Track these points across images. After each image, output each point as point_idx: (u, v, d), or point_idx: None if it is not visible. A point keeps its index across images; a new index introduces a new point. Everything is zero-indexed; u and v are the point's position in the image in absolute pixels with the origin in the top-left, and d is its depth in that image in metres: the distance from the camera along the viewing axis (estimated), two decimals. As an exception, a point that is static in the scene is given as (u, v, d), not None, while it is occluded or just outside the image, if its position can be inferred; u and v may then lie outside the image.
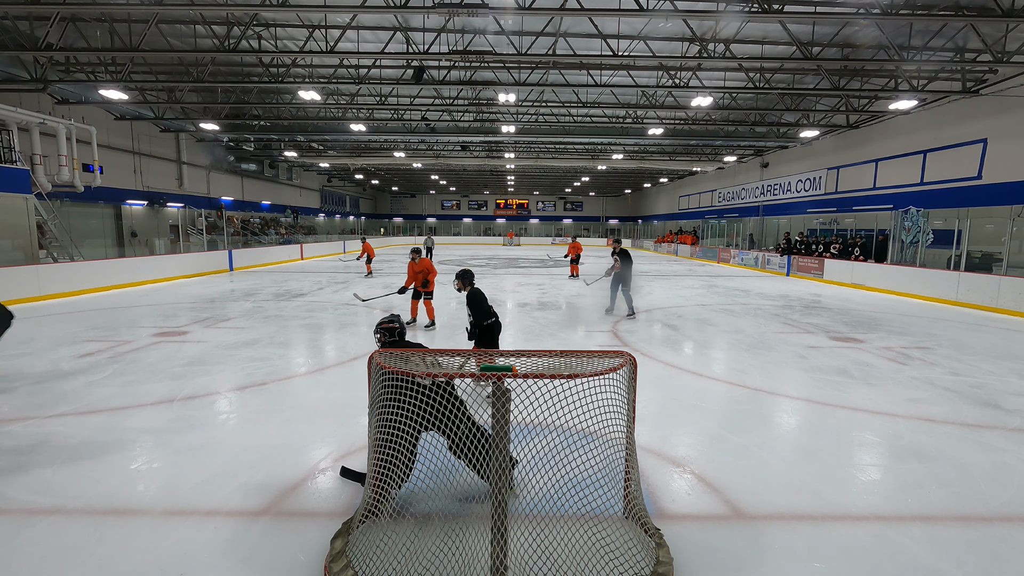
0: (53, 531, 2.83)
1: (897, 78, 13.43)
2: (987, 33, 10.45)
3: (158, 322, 8.59)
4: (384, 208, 52.50)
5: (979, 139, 13.44)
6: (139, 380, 5.46)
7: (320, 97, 14.77)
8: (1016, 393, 5.38)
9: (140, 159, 19.79)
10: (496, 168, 33.29)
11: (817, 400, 5.11)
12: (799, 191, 21.96)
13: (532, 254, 31.68)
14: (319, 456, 3.76)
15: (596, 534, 2.71)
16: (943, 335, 8.30)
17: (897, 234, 15.23)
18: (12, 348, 6.79)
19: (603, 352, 3.17)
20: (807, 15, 9.50)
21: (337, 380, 5.68)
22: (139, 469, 3.56)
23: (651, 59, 11.97)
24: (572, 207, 51.58)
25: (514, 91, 14.45)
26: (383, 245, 40.47)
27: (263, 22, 11.70)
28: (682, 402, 5.04)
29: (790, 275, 18.47)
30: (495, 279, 16.48)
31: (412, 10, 9.46)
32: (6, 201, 11.59)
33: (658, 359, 6.58)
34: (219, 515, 2.99)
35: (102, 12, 10.72)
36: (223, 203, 24.89)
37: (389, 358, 2.86)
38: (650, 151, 26.19)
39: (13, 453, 3.75)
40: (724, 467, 3.66)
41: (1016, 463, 3.76)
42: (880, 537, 2.86)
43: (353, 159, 27.73)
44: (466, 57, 11.09)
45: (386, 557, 2.52)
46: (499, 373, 2.32)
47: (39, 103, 14.45)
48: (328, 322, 8.97)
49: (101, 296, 11.69)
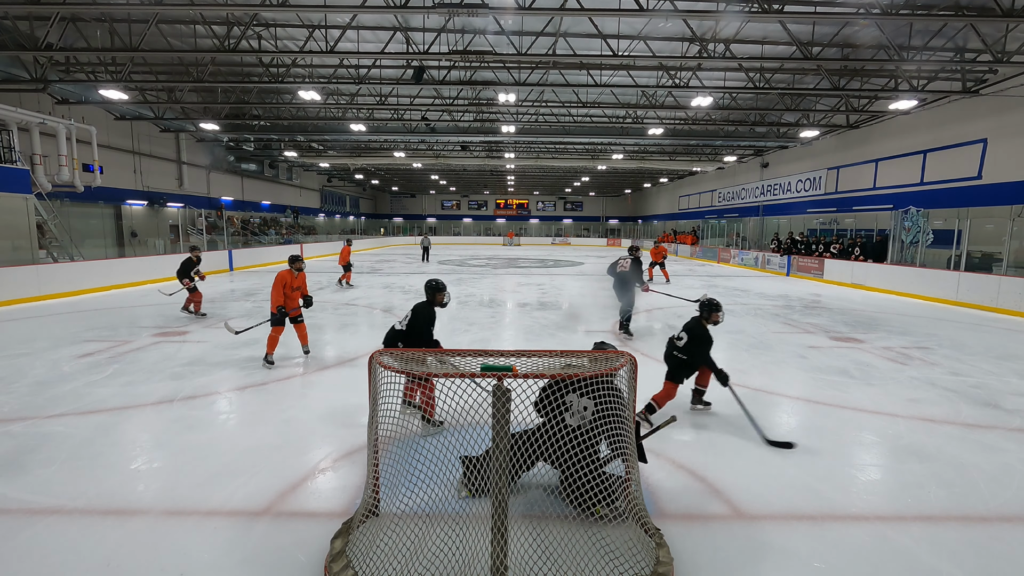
0: (53, 531, 2.83)
1: (897, 78, 13.43)
2: (987, 33, 10.44)
3: (158, 322, 8.59)
4: (384, 208, 52.48)
5: (979, 139, 13.44)
6: (139, 380, 5.46)
7: (320, 97, 14.77)
8: (1016, 393, 5.38)
9: (140, 159, 19.79)
10: (496, 168, 33.29)
11: (817, 400, 5.11)
12: (799, 191, 21.96)
13: (532, 254, 31.68)
14: (319, 456, 3.76)
15: (596, 534, 2.71)
16: (943, 335, 8.29)
17: (897, 234, 15.23)
18: (12, 348, 6.80)
19: (603, 352, 3.17)
20: (807, 15, 9.51)
21: (337, 380, 5.68)
22: (139, 469, 3.56)
23: (651, 59, 11.97)
24: (572, 207, 51.57)
25: (514, 91, 14.45)
26: (383, 245, 40.46)
27: (263, 22, 11.70)
28: (682, 402, 5.03)
29: (790, 275, 18.47)
30: (495, 279, 16.47)
31: (412, 10, 9.46)
32: (6, 201, 11.59)
33: (658, 359, 6.56)
34: (219, 515, 2.99)
35: (102, 12, 10.72)
36: (223, 203, 24.88)
37: (389, 358, 2.86)
38: (650, 151, 26.19)
39: (13, 453, 3.75)
40: (724, 467, 3.66)
41: (1016, 463, 3.76)
42: (880, 537, 2.86)
43: (353, 159, 27.73)
44: (466, 57, 11.08)
45: (386, 557, 2.51)
46: (499, 373, 2.32)
47: (39, 103, 14.44)
48: (328, 322, 8.97)
49: (101, 296, 11.69)
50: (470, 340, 7.58)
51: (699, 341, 4.42)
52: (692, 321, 4.54)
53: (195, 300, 9.05)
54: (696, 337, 4.42)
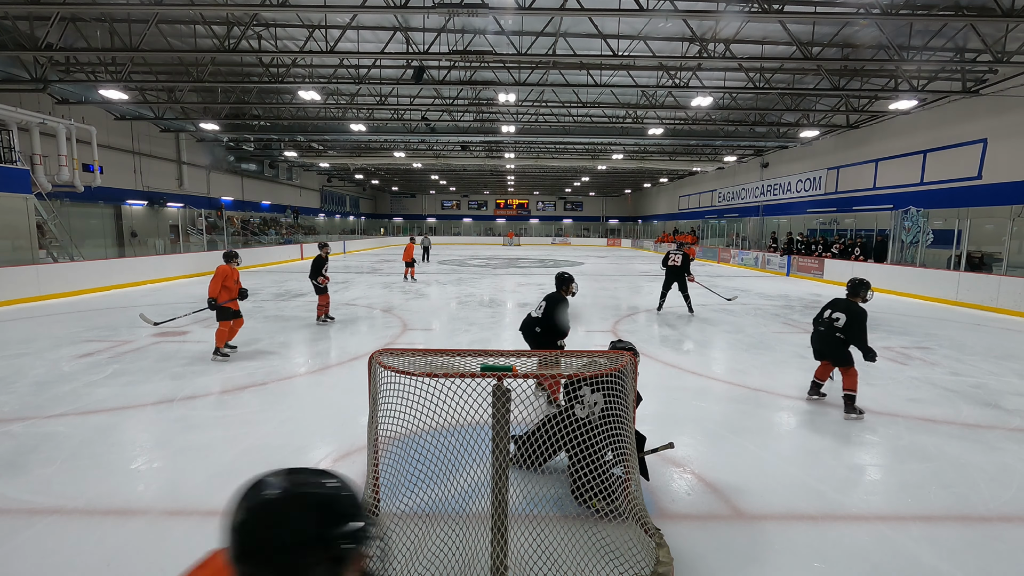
0: (53, 531, 2.83)
1: (897, 78, 13.43)
2: (987, 33, 10.44)
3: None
4: (384, 208, 52.49)
5: (979, 139, 13.44)
6: (139, 380, 5.46)
7: (320, 97, 14.77)
8: (1016, 393, 5.38)
9: (140, 159, 19.79)
10: (496, 168, 33.29)
11: (817, 400, 5.10)
12: (799, 191, 21.96)
13: (532, 254, 31.69)
14: (319, 456, 3.76)
15: (596, 534, 2.71)
16: (943, 335, 8.29)
17: (897, 234, 15.23)
18: (12, 348, 6.80)
19: (604, 352, 3.17)
20: (807, 15, 9.51)
21: (337, 380, 5.68)
22: (139, 469, 3.56)
23: (651, 59, 11.97)
24: (572, 207, 51.59)
25: (514, 91, 14.45)
26: (382, 245, 40.45)
27: (263, 22, 11.70)
28: (682, 402, 5.04)
29: (790, 275, 18.47)
30: (495, 279, 16.47)
31: (412, 10, 9.46)
32: (6, 201, 11.59)
33: (658, 359, 6.58)
34: (219, 515, 2.97)
35: (102, 12, 10.73)
36: (223, 203, 24.88)
37: (389, 358, 2.86)
38: (650, 151, 26.19)
39: (13, 453, 3.75)
40: (724, 467, 3.66)
41: (1016, 463, 3.76)
42: (880, 537, 2.86)
43: (353, 159, 27.73)
44: (466, 57, 11.09)
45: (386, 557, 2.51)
46: (499, 373, 2.32)
47: (39, 103, 14.44)
48: (328, 322, 8.96)
49: (101, 296, 11.69)
50: (470, 340, 7.58)
51: (859, 318, 4.56)
52: (845, 302, 4.70)
53: (323, 304, 8.59)
54: (855, 314, 4.58)
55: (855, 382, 4.64)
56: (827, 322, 4.69)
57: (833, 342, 4.65)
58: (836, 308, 4.69)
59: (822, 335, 4.73)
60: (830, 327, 4.66)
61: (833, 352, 4.68)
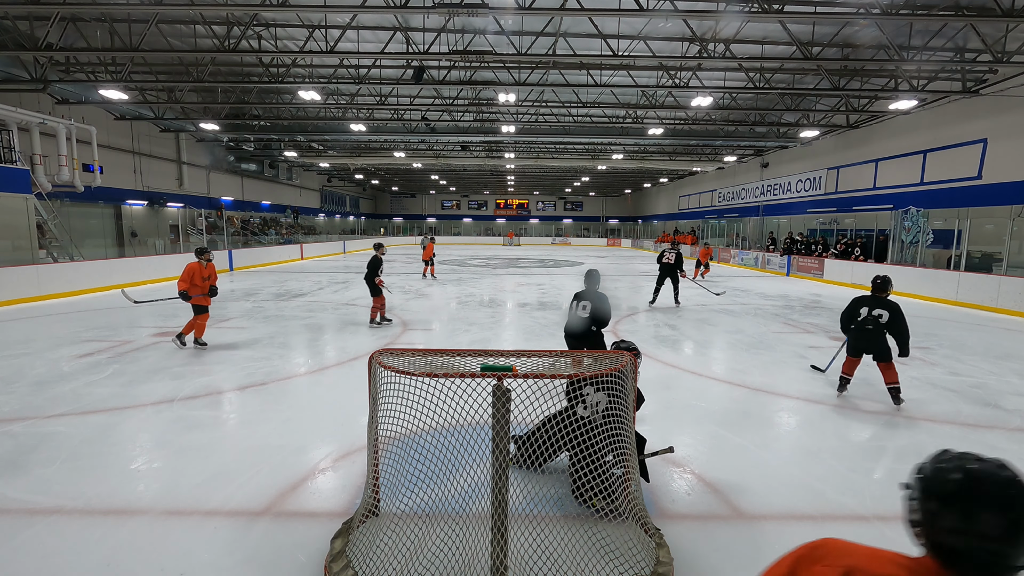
0: (53, 531, 2.82)
1: (897, 78, 13.43)
2: (987, 33, 10.44)
3: (158, 322, 8.58)
4: (384, 208, 52.48)
5: (979, 139, 13.44)
6: (139, 380, 5.46)
7: (320, 97, 14.77)
8: (1016, 393, 5.38)
9: (140, 159, 19.79)
10: (496, 168, 33.29)
11: (817, 400, 5.11)
12: (799, 191, 21.96)
13: (532, 254, 31.69)
14: (319, 456, 3.76)
15: (596, 534, 2.71)
16: (943, 335, 8.29)
17: (897, 234, 15.23)
18: (12, 348, 6.80)
19: (603, 352, 3.17)
20: (807, 15, 9.51)
21: (337, 380, 5.68)
22: (139, 469, 3.56)
23: (651, 59, 11.97)
24: (572, 207, 51.58)
25: (514, 91, 14.45)
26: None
27: (263, 22, 11.70)
28: (682, 402, 5.04)
29: (790, 275, 18.47)
30: (495, 279, 16.47)
31: (412, 10, 9.46)
32: (6, 201, 11.59)
33: (658, 359, 6.58)
34: (219, 515, 2.99)
35: (102, 12, 10.72)
36: (223, 203, 24.88)
37: (389, 358, 2.86)
38: (650, 151, 26.19)
39: (13, 453, 3.75)
40: (724, 467, 3.66)
41: (1016, 463, 3.75)
42: (880, 537, 2.86)
43: (353, 159, 27.73)
44: (466, 57, 11.09)
45: (386, 557, 2.51)
46: (499, 373, 2.32)
47: (39, 103, 14.44)
48: (328, 322, 8.97)
49: (101, 296, 11.69)
50: (470, 340, 7.57)
51: (901, 312, 4.75)
52: (880, 299, 4.86)
53: (378, 305, 8.45)
54: (897, 309, 4.76)
55: (896, 374, 4.85)
56: (874, 320, 4.82)
57: (883, 338, 4.81)
58: (876, 305, 4.83)
59: (870, 333, 4.84)
60: (877, 324, 4.79)
61: (879, 348, 4.82)
